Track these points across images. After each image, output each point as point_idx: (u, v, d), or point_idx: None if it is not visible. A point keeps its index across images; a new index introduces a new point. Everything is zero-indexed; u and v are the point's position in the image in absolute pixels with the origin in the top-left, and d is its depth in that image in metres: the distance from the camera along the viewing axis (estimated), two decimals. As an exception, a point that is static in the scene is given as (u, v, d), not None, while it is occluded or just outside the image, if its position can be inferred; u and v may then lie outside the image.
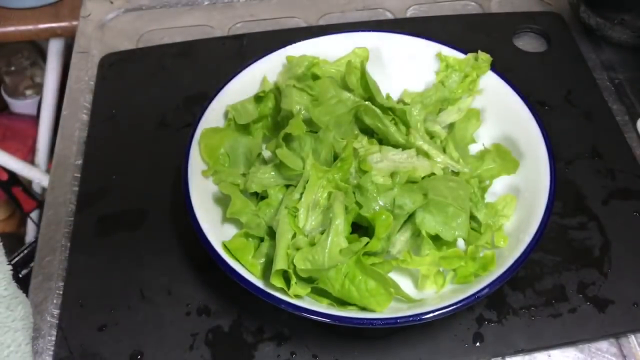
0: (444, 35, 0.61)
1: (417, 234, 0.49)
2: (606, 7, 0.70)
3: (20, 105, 1.21)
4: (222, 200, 0.52)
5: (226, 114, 0.56)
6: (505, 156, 0.54)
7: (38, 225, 0.95)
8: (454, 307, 0.43)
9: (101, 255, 0.55)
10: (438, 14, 0.77)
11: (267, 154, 0.56)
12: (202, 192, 0.50)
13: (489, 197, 0.53)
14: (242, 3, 0.79)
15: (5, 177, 0.96)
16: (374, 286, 0.44)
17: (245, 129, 0.56)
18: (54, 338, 0.50)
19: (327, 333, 0.49)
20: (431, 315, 0.43)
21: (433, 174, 0.51)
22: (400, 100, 0.59)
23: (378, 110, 0.53)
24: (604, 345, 0.50)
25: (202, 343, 0.49)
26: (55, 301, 0.52)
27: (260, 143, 0.56)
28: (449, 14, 0.77)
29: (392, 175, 0.50)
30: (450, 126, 0.58)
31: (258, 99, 0.57)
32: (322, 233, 0.46)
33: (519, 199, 0.52)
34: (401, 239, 0.49)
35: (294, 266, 0.45)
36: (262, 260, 0.49)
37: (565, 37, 0.73)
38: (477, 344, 0.49)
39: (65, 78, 0.73)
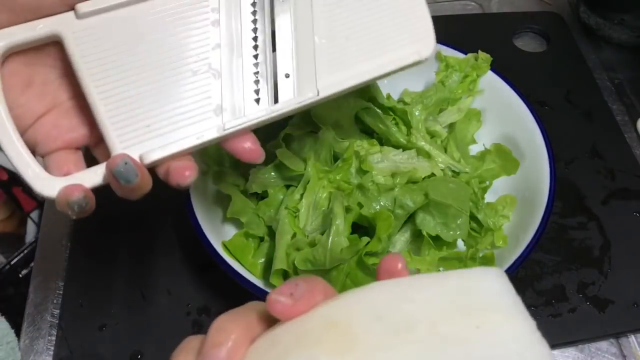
0: (443, 35, 0.61)
1: (417, 234, 0.49)
2: (606, 7, 0.70)
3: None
4: (222, 200, 0.52)
5: (226, 114, 0.56)
6: (505, 156, 0.54)
7: (38, 225, 0.95)
8: (454, 307, 0.43)
9: (101, 256, 0.55)
10: (438, 14, 0.76)
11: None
12: (202, 192, 0.50)
13: (489, 197, 0.53)
14: (242, 3, 0.79)
15: (5, 177, 0.95)
16: (375, 286, 0.44)
17: (245, 129, 0.56)
18: (54, 338, 0.50)
19: (327, 333, 0.49)
20: (431, 315, 0.43)
21: (433, 174, 0.51)
22: (401, 100, 0.59)
23: (379, 111, 0.53)
24: (603, 345, 0.50)
25: (202, 343, 0.49)
26: (55, 301, 0.52)
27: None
28: (448, 14, 0.77)
29: (393, 175, 0.50)
30: (451, 126, 0.58)
31: (258, 99, 0.57)
32: (322, 234, 0.46)
33: (519, 199, 0.52)
34: (401, 239, 0.49)
35: (294, 266, 0.45)
36: (262, 260, 0.49)
37: (565, 37, 0.73)
38: (477, 343, 0.49)
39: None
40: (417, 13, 0.42)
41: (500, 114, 0.57)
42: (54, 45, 0.37)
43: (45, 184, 0.35)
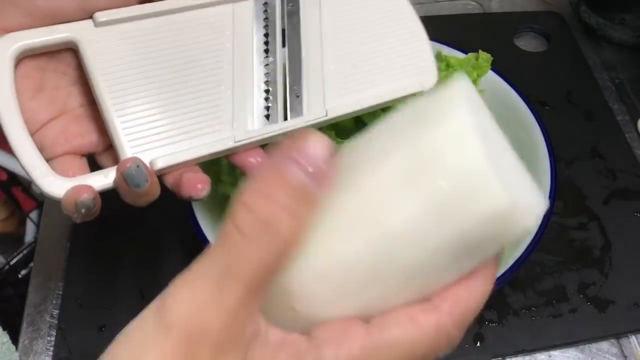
0: (444, 35, 0.61)
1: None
2: (607, 7, 0.70)
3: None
4: (222, 201, 0.52)
5: (226, 113, 0.56)
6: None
7: (38, 225, 0.95)
8: (455, 307, 0.43)
9: (101, 256, 0.54)
10: (438, 14, 0.77)
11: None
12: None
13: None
14: (242, 3, 0.79)
15: (4, 177, 0.95)
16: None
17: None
18: (53, 338, 0.50)
19: (327, 333, 0.49)
20: (432, 315, 0.43)
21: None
22: (401, 100, 0.59)
23: (380, 111, 0.53)
24: (604, 345, 0.50)
25: (202, 343, 0.49)
26: (54, 301, 0.52)
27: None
28: (449, 13, 0.77)
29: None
30: (451, 126, 0.58)
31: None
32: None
33: (520, 199, 0.52)
34: (402, 239, 0.49)
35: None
36: (262, 260, 0.49)
37: (566, 37, 0.73)
38: (478, 344, 0.49)
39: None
40: (420, 48, 0.44)
41: (501, 113, 0.56)
42: (69, 53, 0.37)
43: (53, 183, 0.34)
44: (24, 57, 0.36)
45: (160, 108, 0.37)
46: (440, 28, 0.72)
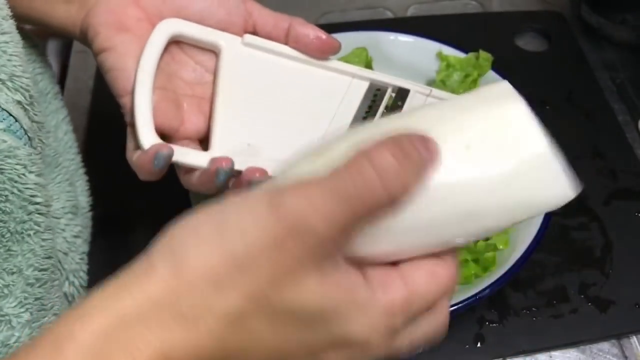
0: (444, 34, 0.61)
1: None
2: (607, 7, 0.70)
3: (20, 105, 1.20)
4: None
5: (226, 113, 0.56)
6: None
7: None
8: (455, 307, 0.43)
9: (100, 256, 0.54)
10: (439, 13, 0.77)
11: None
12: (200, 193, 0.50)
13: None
14: (241, 2, 0.79)
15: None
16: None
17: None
18: (52, 339, 0.49)
19: (327, 334, 0.49)
20: (432, 316, 0.43)
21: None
22: (401, 100, 0.59)
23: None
24: (605, 346, 0.49)
25: (201, 344, 0.49)
26: (54, 302, 0.52)
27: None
28: (449, 13, 0.77)
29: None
30: (451, 126, 0.58)
31: (258, 98, 0.57)
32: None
33: (520, 199, 0.52)
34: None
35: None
36: (262, 261, 0.48)
37: (567, 37, 0.72)
38: (478, 344, 0.48)
39: (63, 78, 0.72)
40: None
41: (502, 113, 0.57)
42: (204, 55, 0.43)
43: (148, 135, 0.39)
44: (174, 40, 0.41)
45: (256, 127, 0.42)
46: (440, 27, 0.72)
